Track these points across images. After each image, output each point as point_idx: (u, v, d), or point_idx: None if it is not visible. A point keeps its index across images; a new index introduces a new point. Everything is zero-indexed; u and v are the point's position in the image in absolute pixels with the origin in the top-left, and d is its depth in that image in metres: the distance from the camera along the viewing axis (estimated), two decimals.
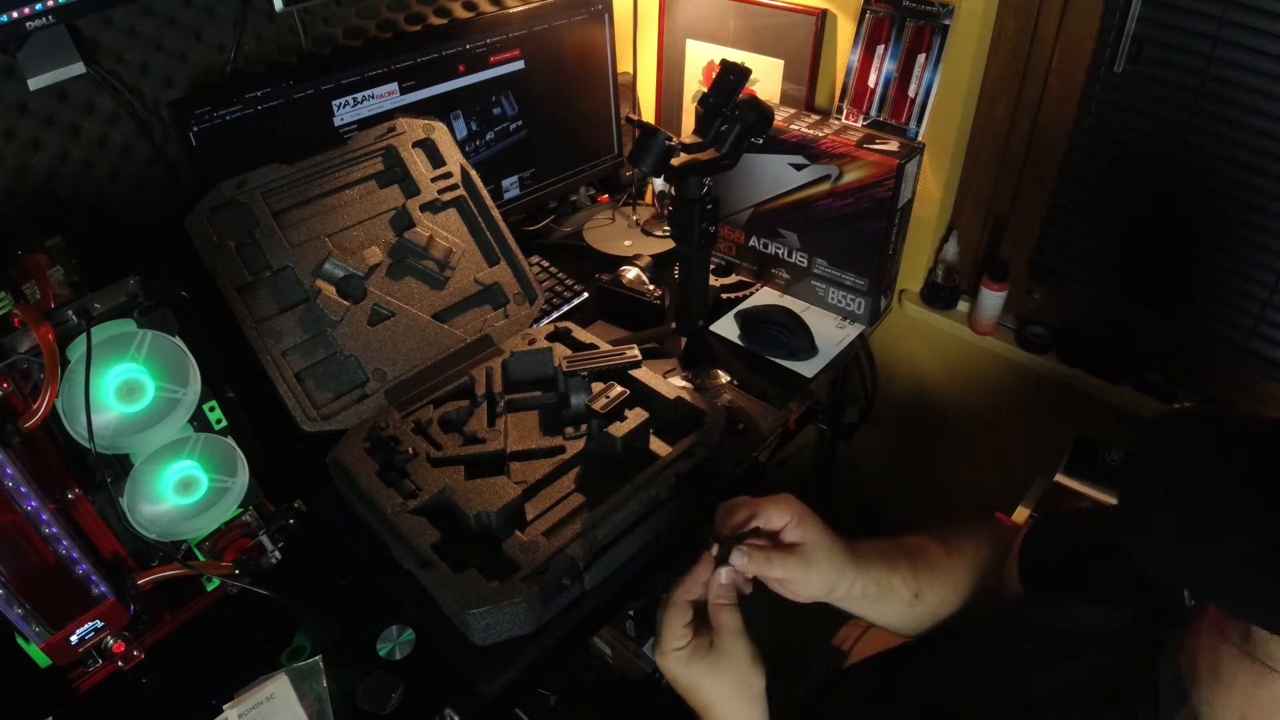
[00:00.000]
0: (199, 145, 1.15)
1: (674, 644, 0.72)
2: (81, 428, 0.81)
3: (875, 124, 1.42)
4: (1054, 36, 1.30)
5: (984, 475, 1.66)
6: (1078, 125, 1.35)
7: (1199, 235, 1.30)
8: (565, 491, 1.04)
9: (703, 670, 0.72)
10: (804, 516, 0.77)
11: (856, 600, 0.81)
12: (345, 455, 1.04)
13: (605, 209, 1.72)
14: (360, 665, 0.91)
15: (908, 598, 0.83)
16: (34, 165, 1.09)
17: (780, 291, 1.52)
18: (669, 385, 1.14)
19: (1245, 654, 0.52)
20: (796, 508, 0.77)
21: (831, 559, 0.78)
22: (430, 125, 1.28)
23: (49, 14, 0.90)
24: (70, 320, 0.83)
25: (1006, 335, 1.52)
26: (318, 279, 1.13)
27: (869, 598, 0.81)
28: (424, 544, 0.93)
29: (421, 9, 1.41)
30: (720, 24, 1.53)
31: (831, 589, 0.78)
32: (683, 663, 0.72)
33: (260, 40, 1.23)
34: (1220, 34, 1.16)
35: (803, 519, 0.77)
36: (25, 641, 0.83)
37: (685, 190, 1.16)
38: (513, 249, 1.29)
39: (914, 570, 0.83)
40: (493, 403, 1.14)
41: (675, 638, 0.72)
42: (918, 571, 0.84)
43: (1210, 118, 1.22)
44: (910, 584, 0.83)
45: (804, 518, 0.77)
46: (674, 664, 0.72)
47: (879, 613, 0.84)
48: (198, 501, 0.93)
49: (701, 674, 0.72)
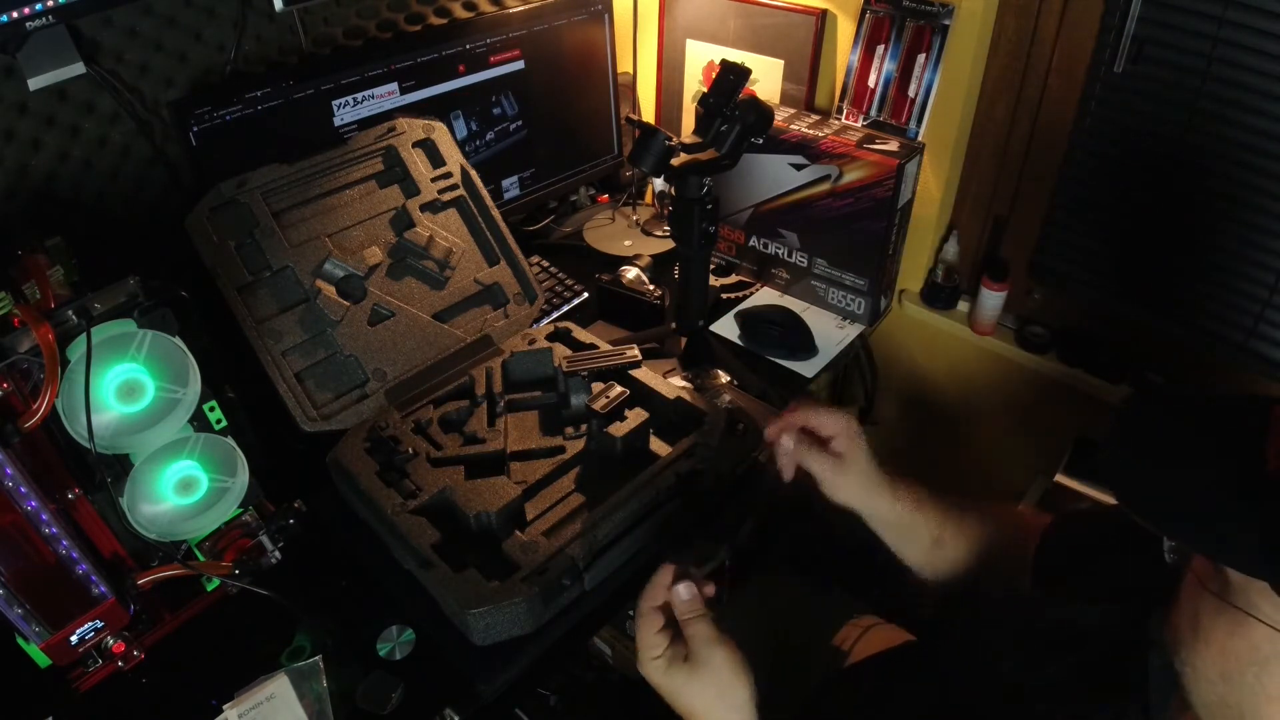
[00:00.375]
0: (199, 145, 1.14)
1: (650, 653, 0.74)
2: (81, 428, 0.81)
3: (875, 124, 1.42)
4: (1054, 36, 1.30)
5: (984, 475, 1.66)
6: (1078, 125, 1.35)
7: (1199, 235, 1.30)
8: (565, 491, 1.04)
9: (682, 679, 0.73)
10: (855, 435, 0.88)
11: (882, 525, 0.90)
12: (345, 455, 1.04)
13: (605, 209, 1.72)
14: (360, 665, 0.91)
15: (929, 540, 0.91)
16: (34, 165, 1.09)
17: (780, 291, 1.52)
18: (669, 385, 1.14)
19: (1224, 603, 0.52)
20: (850, 425, 0.88)
21: (865, 477, 0.88)
22: (430, 125, 1.28)
23: (49, 14, 0.90)
24: (70, 320, 0.83)
25: (1006, 335, 1.52)
26: (318, 279, 1.13)
27: (895, 526, 0.90)
28: (424, 544, 0.93)
29: (421, 9, 1.41)
30: (720, 24, 1.53)
31: (861, 503, 0.89)
32: (661, 672, 0.74)
33: (260, 40, 1.23)
34: (1220, 34, 1.16)
35: (852, 436, 0.88)
36: (25, 641, 0.83)
37: (685, 190, 1.16)
38: (513, 249, 1.29)
39: (941, 519, 0.90)
40: (493, 403, 1.14)
41: (650, 647, 0.74)
42: (944, 521, 0.90)
43: (1210, 118, 1.22)
44: (933, 529, 0.90)
45: (854, 436, 0.88)
46: (654, 673, 0.74)
47: (902, 544, 0.92)
48: (198, 501, 0.93)
49: (681, 683, 0.73)
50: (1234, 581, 0.52)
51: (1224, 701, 0.54)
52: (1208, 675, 0.55)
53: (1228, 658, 0.53)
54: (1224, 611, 0.52)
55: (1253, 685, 0.52)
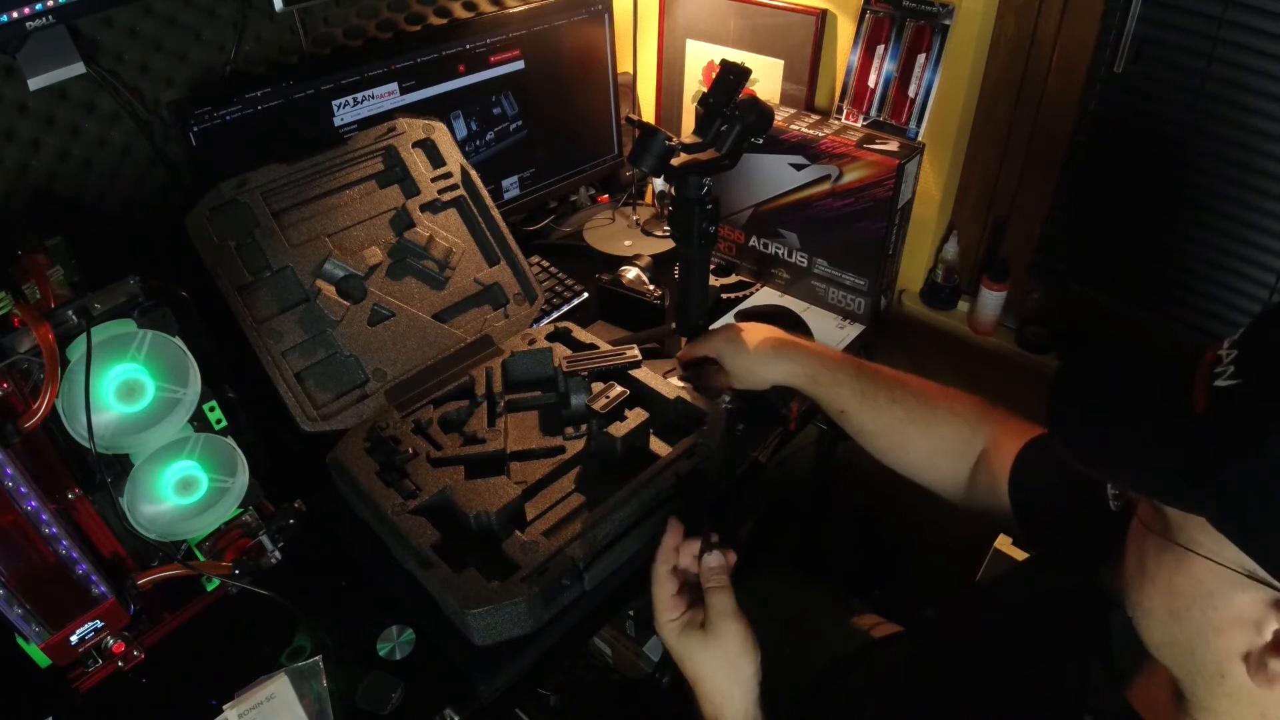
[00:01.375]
0: (199, 145, 1.14)
1: (667, 615, 0.78)
2: (81, 428, 0.81)
3: (875, 124, 1.42)
4: (1054, 36, 1.30)
5: None
6: (1078, 125, 1.35)
7: (1199, 235, 1.30)
8: (565, 491, 1.04)
9: (695, 646, 0.76)
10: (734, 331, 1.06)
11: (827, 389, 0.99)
12: (345, 455, 1.04)
13: (605, 209, 1.72)
14: (360, 665, 0.91)
15: (833, 407, 0.99)
16: (34, 165, 1.09)
17: (780, 291, 1.52)
18: (669, 385, 1.14)
19: (1166, 541, 0.53)
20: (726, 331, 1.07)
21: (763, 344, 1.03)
22: (430, 125, 1.28)
23: (49, 14, 0.90)
24: (70, 320, 0.83)
25: (1006, 335, 1.52)
26: (318, 279, 1.13)
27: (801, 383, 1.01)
28: (424, 544, 0.93)
29: (421, 9, 1.41)
30: (720, 24, 1.53)
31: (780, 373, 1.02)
32: (675, 634, 0.77)
33: (260, 40, 1.23)
34: (1220, 34, 1.16)
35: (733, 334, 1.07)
36: (25, 641, 0.83)
37: (685, 190, 1.16)
38: (513, 249, 1.29)
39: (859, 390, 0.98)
40: (493, 403, 1.14)
41: (666, 609, 0.78)
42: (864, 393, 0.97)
43: (1210, 118, 1.22)
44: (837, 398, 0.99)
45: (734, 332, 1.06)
46: (669, 635, 0.78)
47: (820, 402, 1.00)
48: (198, 501, 0.93)
49: (693, 649, 0.76)
50: (1174, 520, 0.53)
51: (1174, 640, 0.55)
52: (1158, 616, 0.56)
53: (1174, 596, 0.54)
54: (1167, 550, 0.53)
55: (1199, 620, 0.52)
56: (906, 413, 0.95)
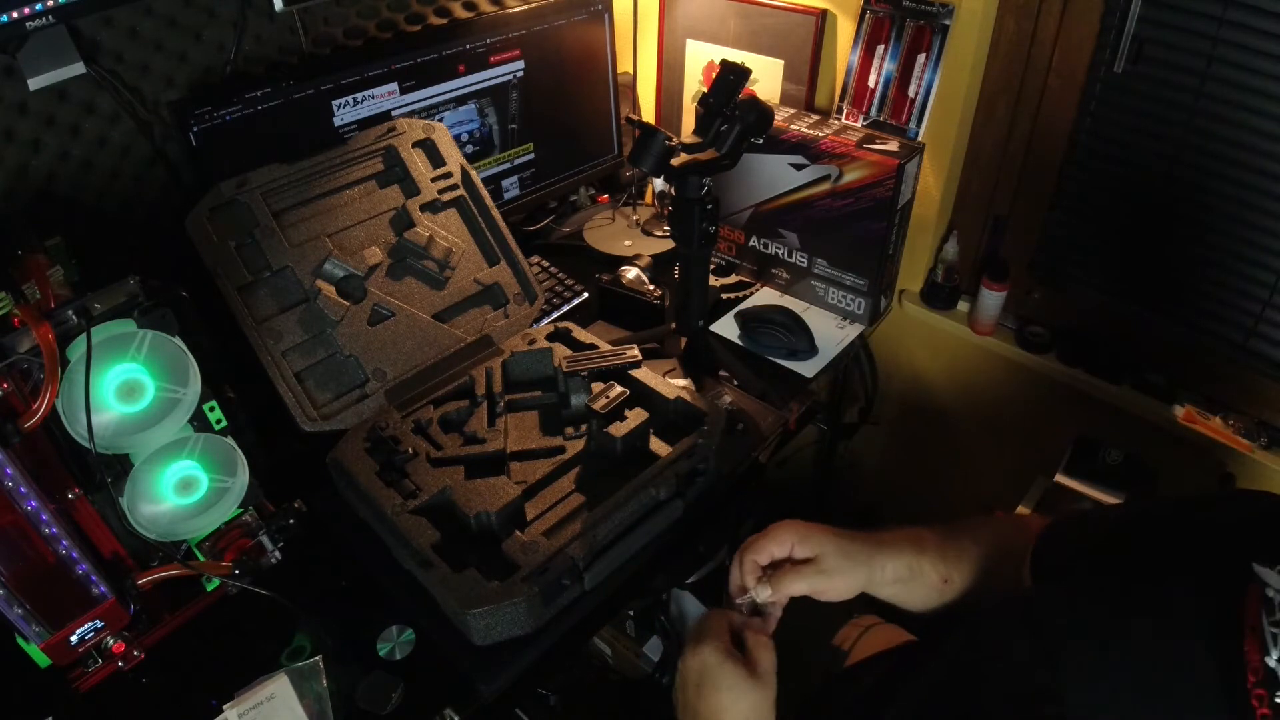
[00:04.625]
0: (199, 145, 1.14)
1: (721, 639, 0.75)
2: (81, 428, 0.81)
3: (875, 124, 1.42)
4: (1054, 36, 1.30)
5: (984, 475, 1.66)
6: (1078, 125, 1.35)
7: (1199, 235, 1.30)
8: (565, 491, 1.04)
9: (738, 679, 0.73)
10: (806, 532, 0.82)
11: (889, 586, 0.84)
12: (345, 455, 1.04)
13: (605, 209, 1.72)
14: (360, 665, 0.91)
15: (937, 582, 0.85)
16: (34, 165, 1.09)
17: (780, 291, 1.52)
18: (669, 385, 1.14)
19: None
20: (793, 529, 0.82)
21: (850, 557, 0.82)
22: (430, 125, 1.28)
23: (49, 14, 0.90)
24: (70, 320, 0.83)
25: (1006, 335, 1.52)
26: (318, 279, 1.13)
27: (901, 581, 0.84)
28: (424, 544, 0.93)
29: (421, 9, 1.41)
30: (720, 24, 1.53)
31: (865, 582, 0.82)
32: (720, 659, 0.73)
33: (260, 40, 1.23)
34: (1220, 34, 1.16)
35: (805, 534, 0.82)
36: (25, 641, 0.83)
37: (685, 190, 1.16)
38: (513, 249, 1.29)
39: (943, 554, 0.85)
40: (493, 403, 1.14)
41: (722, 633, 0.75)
42: (946, 555, 0.85)
43: (1210, 118, 1.22)
44: (940, 568, 0.85)
45: (807, 533, 0.82)
46: (713, 656, 0.74)
47: (911, 596, 0.86)
48: (198, 501, 0.93)
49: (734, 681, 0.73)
50: None
51: None
52: None
53: None
54: None
55: None
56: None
